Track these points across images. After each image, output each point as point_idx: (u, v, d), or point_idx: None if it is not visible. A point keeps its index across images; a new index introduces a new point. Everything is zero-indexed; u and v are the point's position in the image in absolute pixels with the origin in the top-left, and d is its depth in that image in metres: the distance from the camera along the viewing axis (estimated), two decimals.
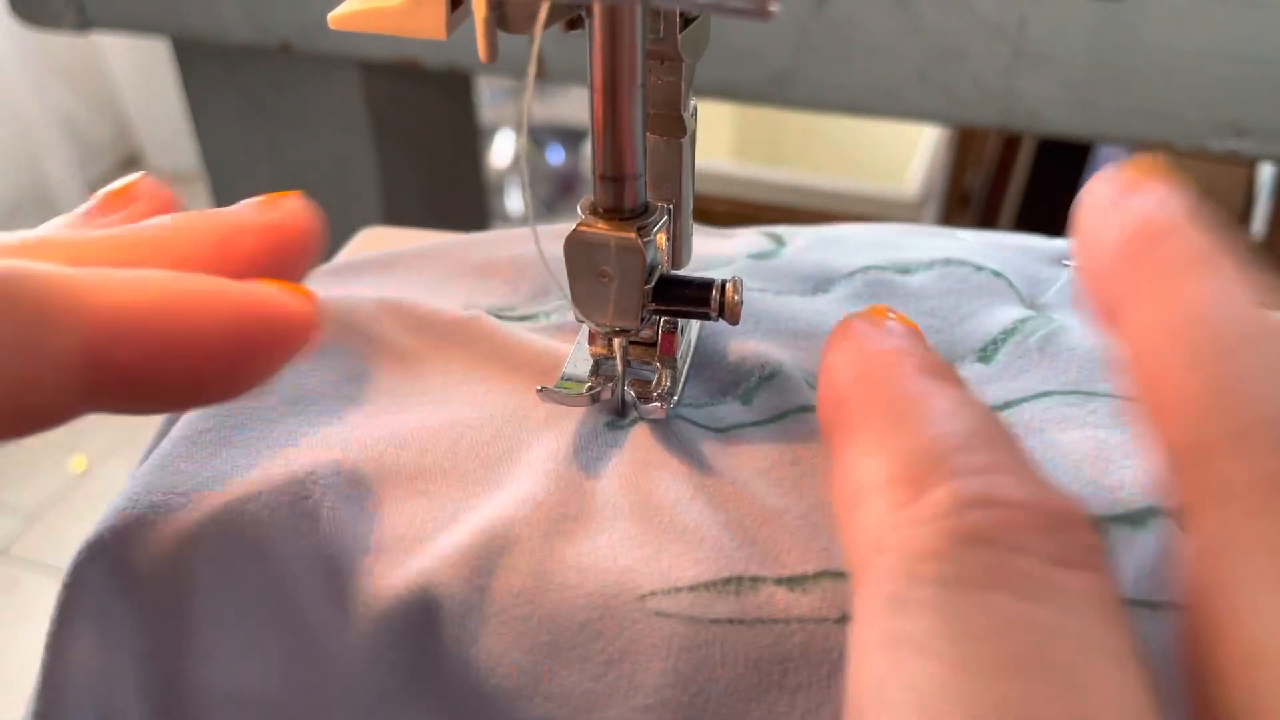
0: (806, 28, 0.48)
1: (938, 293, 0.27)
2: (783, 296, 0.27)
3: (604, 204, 0.22)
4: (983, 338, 0.26)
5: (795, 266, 0.28)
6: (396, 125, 0.67)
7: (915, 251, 0.29)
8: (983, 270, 0.28)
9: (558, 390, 0.23)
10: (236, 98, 0.65)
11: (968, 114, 0.49)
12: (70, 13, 0.57)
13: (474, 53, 0.59)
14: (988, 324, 0.26)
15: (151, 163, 1.94)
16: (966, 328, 0.26)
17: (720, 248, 0.30)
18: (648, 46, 0.21)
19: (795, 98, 0.50)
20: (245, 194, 0.22)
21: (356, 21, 0.20)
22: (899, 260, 0.28)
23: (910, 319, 0.24)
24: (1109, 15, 0.45)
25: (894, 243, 0.29)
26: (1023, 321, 0.26)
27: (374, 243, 0.33)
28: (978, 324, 0.26)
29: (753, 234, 0.31)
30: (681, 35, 0.22)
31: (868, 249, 0.29)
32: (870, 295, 0.27)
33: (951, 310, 0.27)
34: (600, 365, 0.24)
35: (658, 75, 0.23)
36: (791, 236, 0.30)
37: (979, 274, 0.28)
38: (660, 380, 0.24)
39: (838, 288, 0.28)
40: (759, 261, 0.29)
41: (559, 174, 1.68)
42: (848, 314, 0.20)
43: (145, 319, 0.17)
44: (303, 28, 0.55)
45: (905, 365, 0.18)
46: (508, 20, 0.19)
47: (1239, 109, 0.45)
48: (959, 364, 0.25)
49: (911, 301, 0.27)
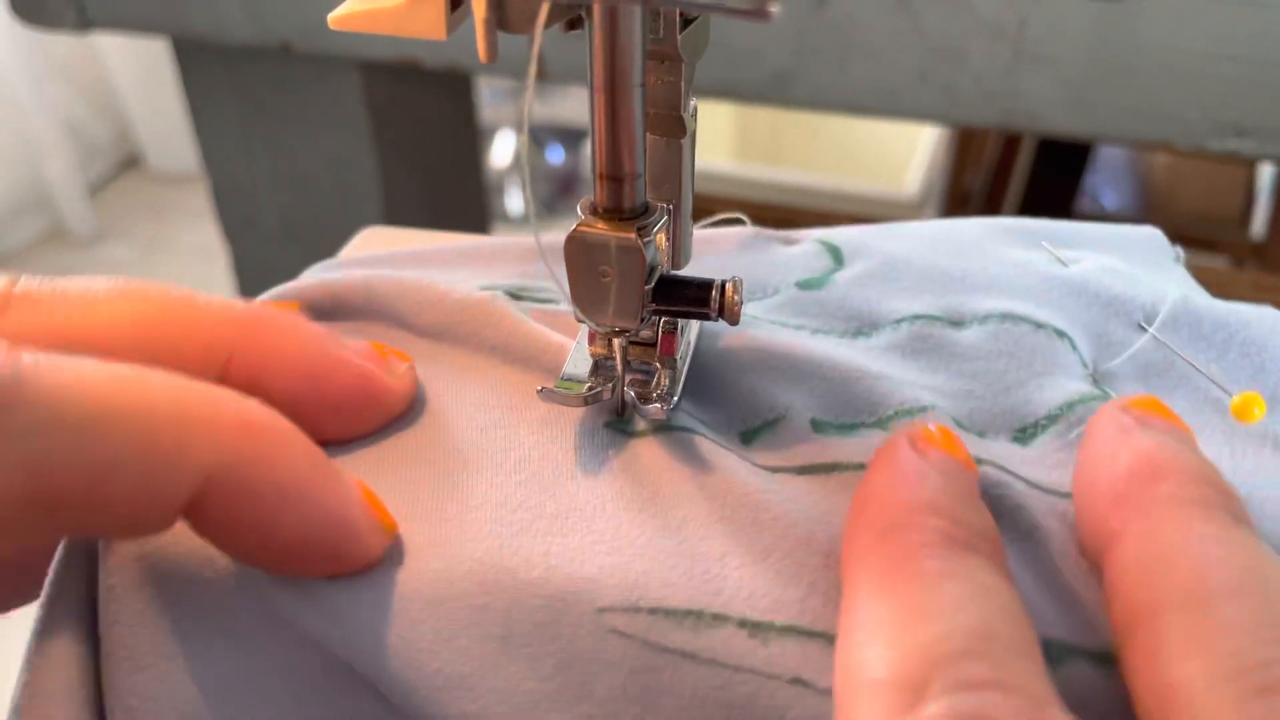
0: (806, 28, 0.48)
1: (987, 354, 0.25)
2: (818, 336, 0.26)
3: (604, 204, 0.22)
4: (1026, 415, 0.24)
5: (842, 303, 0.27)
6: (396, 125, 0.67)
7: (978, 294, 0.26)
8: (1043, 329, 0.25)
9: (557, 390, 0.23)
10: (236, 98, 0.65)
11: (968, 114, 0.49)
12: (70, 13, 0.57)
13: (474, 53, 0.59)
14: (1035, 399, 0.24)
15: (151, 163, 1.94)
16: (1011, 399, 0.24)
17: (774, 258, 0.29)
18: (648, 47, 0.21)
19: (795, 98, 0.50)
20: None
21: (356, 22, 0.20)
22: (953, 309, 0.26)
23: (953, 382, 0.24)
24: (1109, 15, 0.45)
25: (962, 274, 0.27)
26: (1072, 404, 0.24)
27: (374, 243, 0.33)
28: (1024, 397, 0.24)
29: (812, 242, 0.29)
30: (681, 36, 0.22)
31: (930, 284, 0.27)
32: (912, 350, 0.25)
33: (998, 377, 0.25)
34: (600, 366, 0.24)
35: (658, 75, 0.23)
36: (852, 255, 0.28)
37: (1037, 333, 0.25)
38: (660, 381, 0.24)
39: (880, 334, 0.26)
40: (805, 293, 0.27)
41: (559, 174, 1.67)
42: (901, 431, 0.19)
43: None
44: (303, 28, 0.55)
45: (932, 533, 0.18)
46: (508, 20, 0.19)
47: (1239, 109, 0.45)
48: (993, 439, 0.24)
49: (955, 362, 0.25)
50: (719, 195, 0.99)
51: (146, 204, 1.88)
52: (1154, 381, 0.25)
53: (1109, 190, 1.17)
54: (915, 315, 0.26)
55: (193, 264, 1.72)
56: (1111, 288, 0.26)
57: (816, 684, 0.19)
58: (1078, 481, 0.20)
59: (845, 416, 0.24)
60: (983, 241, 0.29)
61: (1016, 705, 0.15)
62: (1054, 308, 0.26)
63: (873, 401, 0.24)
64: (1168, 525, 0.17)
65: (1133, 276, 0.27)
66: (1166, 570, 0.16)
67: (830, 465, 0.23)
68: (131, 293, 0.21)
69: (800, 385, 0.24)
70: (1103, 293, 0.26)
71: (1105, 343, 0.26)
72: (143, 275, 0.81)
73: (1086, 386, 0.24)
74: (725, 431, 0.24)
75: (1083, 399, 0.24)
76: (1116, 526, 0.18)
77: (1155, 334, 0.25)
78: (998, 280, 0.27)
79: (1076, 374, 0.25)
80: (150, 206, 1.88)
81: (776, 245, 0.30)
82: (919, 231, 0.29)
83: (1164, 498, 0.18)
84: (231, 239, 0.71)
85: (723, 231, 0.30)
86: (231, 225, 0.70)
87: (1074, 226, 0.30)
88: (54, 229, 1.79)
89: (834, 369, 0.25)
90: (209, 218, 1.16)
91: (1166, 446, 0.19)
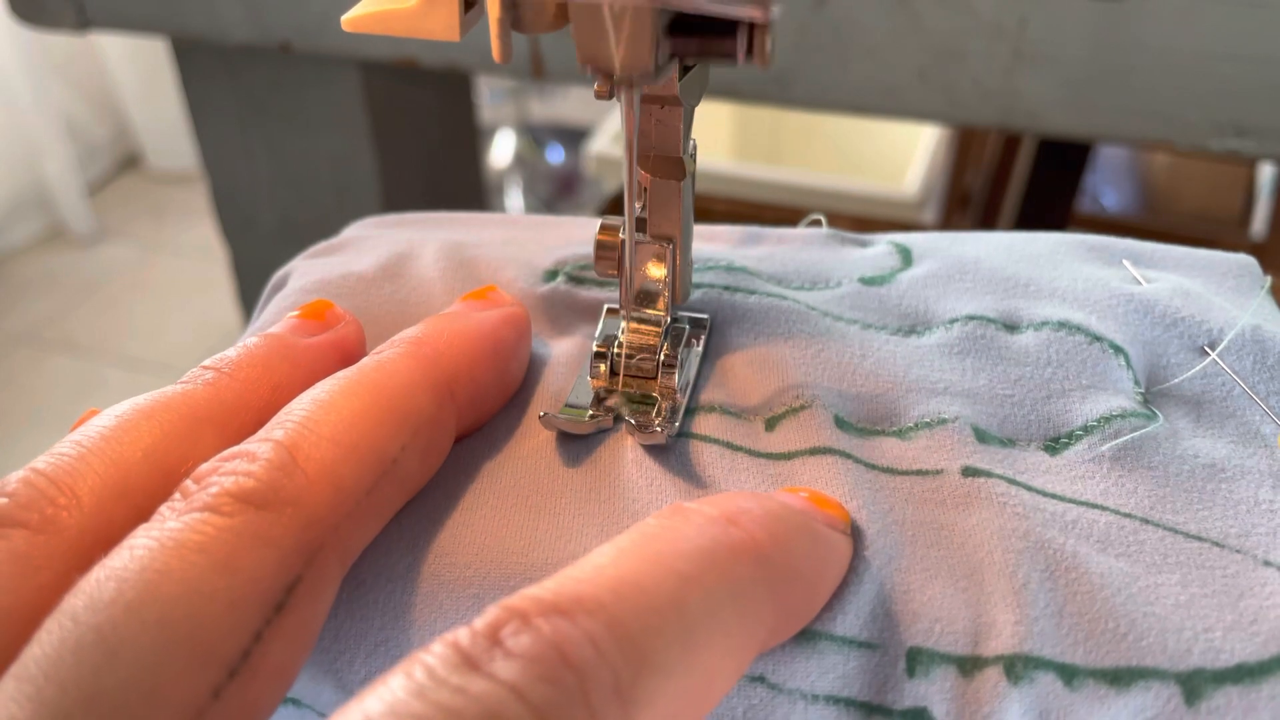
0: (806, 28, 0.48)
1: (1036, 362, 0.25)
2: (869, 330, 0.26)
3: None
4: (1061, 426, 0.24)
5: (900, 302, 0.27)
6: (396, 125, 0.67)
7: (1040, 301, 0.26)
8: (1099, 342, 0.25)
9: (560, 416, 0.24)
10: (236, 98, 0.65)
11: (968, 114, 0.49)
12: (70, 13, 0.57)
13: (474, 52, 0.59)
14: (1074, 411, 0.24)
15: (151, 163, 1.94)
16: (1050, 408, 0.24)
17: (844, 256, 0.29)
18: (644, 91, 0.21)
19: (795, 98, 0.50)
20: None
21: (369, 23, 0.20)
22: (1011, 313, 0.26)
23: (994, 386, 0.24)
24: (1109, 15, 0.45)
25: (1028, 280, 0.27)
26: (1110, 418, 0.23)
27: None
28: (1064, 408, 0.24)
29: (885, 244, 0.29)
30: (681, 82, 0.22)
31: (994, 287, 0.27)
32: (960, 350, 0.25)
33: (1041, 385, 0.24)
34: (602, 398, 0.24)
35: (656, 118, 0.23)
36: (922, 255, 0.28)
37: (1092, 346, 0.25)
38: (660, 409, 0.24)
39: (933, 333, 0.26)
40: (867, 288, 0.27)
41: (559, 174, 1.67)
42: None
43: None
44: (303, 28, 0.55)
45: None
46: (522, 21, 0.19)
47: (1239, 109, 0.45)
48: (1023, 448, 0.23)
49: (1002, 365, 0.25)
50: (718, 195, 0.99)
51: (146, 204, 1.88)
52: (1205, 409, 0.24)
53: (1109, 190, 1.17)
54: (969, 316, 0.26)
55: (192, 264, 1.72)
56: (1180, 309, 0.26)
57: (770, 679, 0.19)
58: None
59: (866, 422, 0.24)
60: (1059, 252, 0.28)
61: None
62: (1116, 322, 0.25)
63: (896, 412, 0.24)
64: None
65: (1205, 300, 0.26)
66: None
67: (831, 449, 0.23)
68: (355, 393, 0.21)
69: (831, 383, 0.24)
70: (1169, 313, 0.26)
71: (1163, 363, 0.25)
72: (142, 275, 0.81)
73: (1132, 404, 0.24)
74: (752, 419, 0.24)
75: (1123, 414, 0.23)
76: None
77: (1217, 358, 0.25)
78: (1063, 289, 0.26)
79: (1125, 390, 0.24)
80: (150, 206, 1.88)
81: (850, 247, 0.30)
82: (995, 239, 0.29)
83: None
84: (231, 239, 0.71)
85: (795, 230, 0.31)
86: (231, 225, 0.70)
87: (1158, 247, 0.29)
88: (53, 229, 1.79)
89: (867, 375, 0.25)
90: (209, 218, 1.16)
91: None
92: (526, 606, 0.15)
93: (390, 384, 0.21)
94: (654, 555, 0.16)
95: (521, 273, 0.28)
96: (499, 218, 0.32)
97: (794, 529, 0.19)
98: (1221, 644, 0.19)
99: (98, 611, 0.16)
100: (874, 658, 0.20)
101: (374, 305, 0.27)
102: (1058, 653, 0.19)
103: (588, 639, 0.15)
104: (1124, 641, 0.19)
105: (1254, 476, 0.22)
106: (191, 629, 0.16)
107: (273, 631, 0.17)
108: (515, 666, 0.14)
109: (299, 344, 0.23)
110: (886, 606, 0.20)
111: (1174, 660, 0.19)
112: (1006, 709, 0.19)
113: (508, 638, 0.15)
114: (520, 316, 0.25)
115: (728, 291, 0.27)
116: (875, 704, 0.19)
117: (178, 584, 0.16)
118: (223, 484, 0.18)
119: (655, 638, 0.15)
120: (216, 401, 0.21)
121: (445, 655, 0.14)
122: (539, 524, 0.22)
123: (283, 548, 0.17)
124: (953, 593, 0.20)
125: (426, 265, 0.28)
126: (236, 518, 0.17)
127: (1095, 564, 0.20)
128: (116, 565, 0.16)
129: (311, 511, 0.18)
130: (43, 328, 1.60)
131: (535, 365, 0.26)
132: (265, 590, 0.17)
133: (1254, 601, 0.20)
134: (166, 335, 1.57)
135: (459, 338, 0.23)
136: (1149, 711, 0.19)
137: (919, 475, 0.23)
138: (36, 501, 0.18)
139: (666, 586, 0.16)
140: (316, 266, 0.29)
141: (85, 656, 0.15)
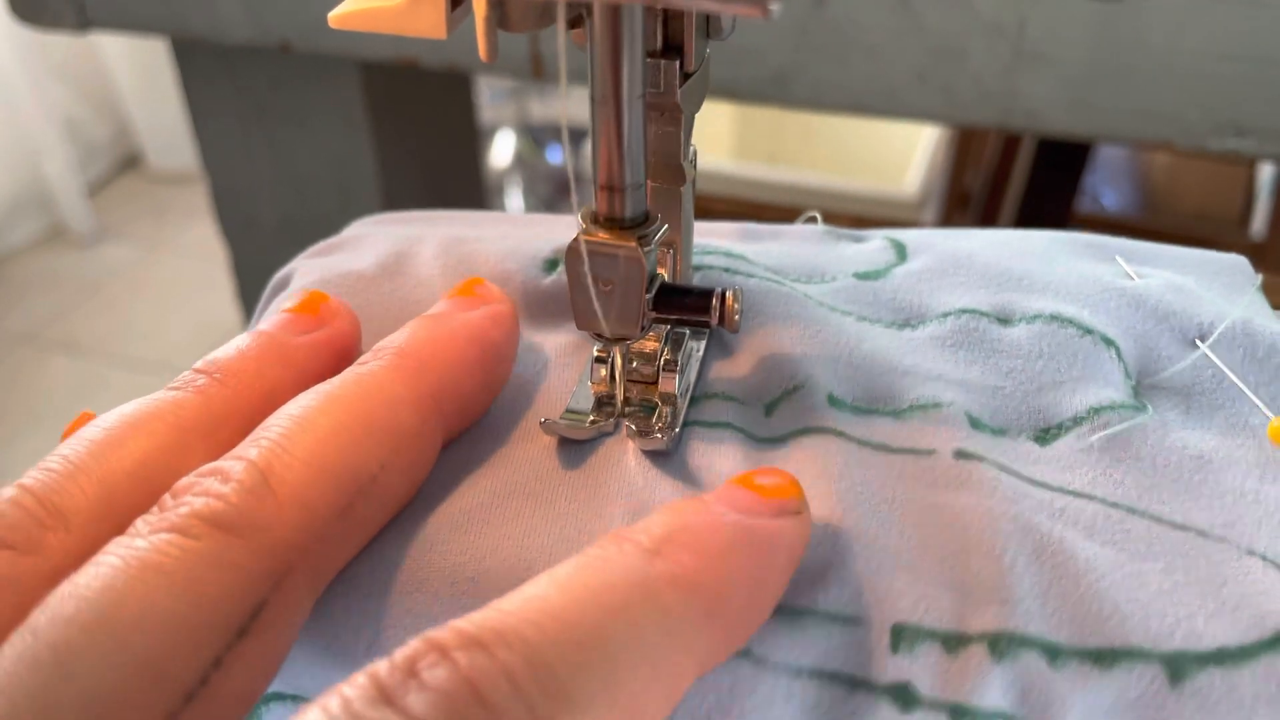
0: (806, 27, 0.48)
1: (1027, 354, 0.25)
2: (864, 323, 0.26)
3: (604, 213, 0.22)
4: (1052, 417, 0.24)
5: (894, 296, 0.27)
6: (396, 125, 0.67)
7: (1033, 295, 0.26)
8: (1090, 334, 0.25)
9: (560, 422, 0.24)
10: (236, 98, 0.65)
11: (968, 114, 0.49)
12: (70, 13, 0.57)
13: (474, 52, 0.59)
14: (1065, 403, 0.24)
15: (152, 163, 1.94)
16: (1041, 400, 0.24)
17: (840, 252, 0.29)
18: (647, 99, 0.21)
19: (795, 97, 0.50)
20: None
21: (356, 21, 0.20)
22: (1004, 306, 0.26)
23: (986, 377, 0.25)
24: (1109, 15, 0.45)
25: (1021, 275, 0.27)
26: (1100, 410, 0.24)
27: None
28: (1054, 400, 0.24)
29: (880, 239, 0.30)
30: (682, 89, 0.23)
31: (988, 281, 0.27)
32: (953, 343, 0.26)
33: (1033, 377, 0.25)
34: (603, 403, 0.25)
35: (657, 125, 0.23)
36: (916, 251, 0.29)
37: (1084, 339, 0.25)
38: (660, 415, 0.24)
39: (926, 327, 0.26)
40: (861, 283, 0.27)
41: (559, 174, 1.67)
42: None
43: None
44: (303, 27, 0.55)
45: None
46: (508, 19, 0.19)
47: (1239, 109, 0.45)
48: (1013, 438, 0.24)
49: (994, 358, 0.25)
50: (718, 194, 0.99)
51: (146, 204, 1.88)
52: (1195, 401, 0.25)
53: (1109, 190, 1.17)
54: (963, 309, 0.26)
55: (192, 264, 1.72)
56: (1172, 303, 0.26)
57: (769, 659, 0.20)
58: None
59: (862, 401, 0.24)
60: (1053, 248, 0.29)
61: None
62: (1107, 315, 0.26)
63: (893, 394, 0.24)
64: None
65: (1197, 295, 0.26)
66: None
67: (825, 429, 0.23)
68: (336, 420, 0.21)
69: (826, 364, 0.25)
70: (1161, 306, 0.26)
71: (1154, 356, 0.26)
72: (142, 275, 0.81)
73: (1122, 395, 0.24)
74: (754, 404, 0.24)
75: (1113, 406, 0.24)
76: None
77: (1207, 351, 0.25)
78: (1055, 284, 0.27)
79: (1116, 382, 0.25)
80: (150, 206, 1.88)
81: (846, 242, 0.30)
82: (989, 235, 0.30)
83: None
84: (231, 238, 0.71)
85: (791, 227, 0.31)
86: (231, 225, 0.70)
87: (1152, 246, 0.29)
88: (53, 229, 1.79)
89: (864, 358, 0.25)
90: (209, 217, 1.16)
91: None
92: (447, 639, 0.15)
93: (371, 400, 0.20)
94: (581, 586, 0.16)
95: (522, 265, 0.28)
96: (500, 216, 0.32)
97: (727, 545, 0.18)
98: (1204, 629, 0.19)
99: (56, 629, 0.15)
100: (858, 632, 0.20)
101: (375, 303, 0.27)
102: (1042, 632, 0.19)
103: (503, 673, 0.14)
104: (1108, 623, 0.19)
105: (1241, 467, 0.23)
106: (148, 653, 0.16)
107: (233, 656, 0.17)
108: (426, 700, 0.14)
109: (291, 343, 0.23)
110: (872, 582, 0.20)
111: (1157, 642, 0.19)
112: (989, 685, 0.19)
113: (424, 670, 0.14)
114: (507, 315, 0.24)
115: (727, 274, 0.27)
116: (859, 678, 0.19)
117: (136, 606, 0.16)
118: (193, 505, 0.17)
119: (576, 671, 0.15)
120: (205, 411, 0.21)
121: (363, 687, 0.14)
122: (537, 529, 0.22)
123: (248, 572, 0.17)
124: (939, 570, 0.20)
125: (427, 262, 0.28)
126: (203, 541, 0.17)
127: (1082, 549, 0.20)
128: (80, 582, 0.16)
129: (280, 535, 0.18)
130: (43, 328, 1.60)
131: (535, 359, 0.26)
132: (227, 615, 0.17)
133: (1236, 589, 0.20)
134: (166, 335, 1.57)
135: (444, 346, 0.22)
136: (1133, 692, 0.19)
137: (911, 454, 0.23)
138: (23, 523, 0.18)
139: (589, 618, 0.16)
140: (317, 265, 0.29)
141: (40, 673, 0.15)
